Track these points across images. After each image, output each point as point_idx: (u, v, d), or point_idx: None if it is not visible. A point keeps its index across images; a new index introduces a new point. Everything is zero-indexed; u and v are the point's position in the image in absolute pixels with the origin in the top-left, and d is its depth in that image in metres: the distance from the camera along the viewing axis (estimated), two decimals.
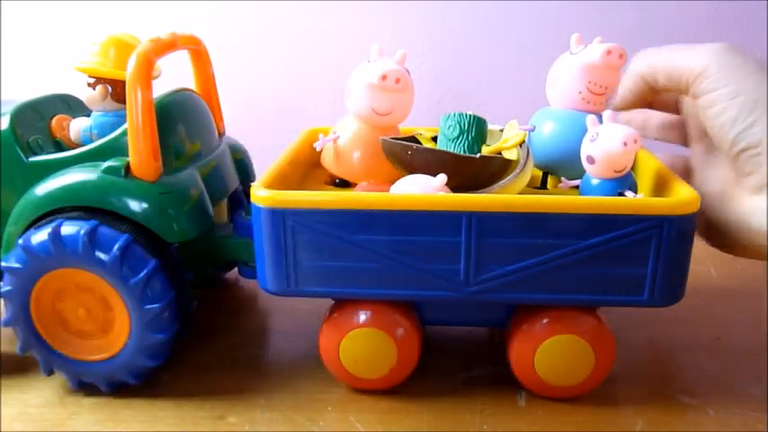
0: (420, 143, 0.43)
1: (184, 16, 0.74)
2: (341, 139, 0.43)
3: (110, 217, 0.39)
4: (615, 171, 0.37)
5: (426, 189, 0.37)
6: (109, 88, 0.43)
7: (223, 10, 0.74)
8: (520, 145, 0.41)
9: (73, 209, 0.40)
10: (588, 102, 0.41)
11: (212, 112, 0.49)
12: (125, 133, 0.40)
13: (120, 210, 0.39)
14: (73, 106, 0.48)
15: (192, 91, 0.48)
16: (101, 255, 0.38)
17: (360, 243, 0.37)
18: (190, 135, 0.44)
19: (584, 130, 0.39)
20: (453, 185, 0.38)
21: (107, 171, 0.39)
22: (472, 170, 0.39)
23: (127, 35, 0.44)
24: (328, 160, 0.44)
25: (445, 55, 0.74)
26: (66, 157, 0.41)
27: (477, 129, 0.41)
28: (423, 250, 0.36)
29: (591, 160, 0.37)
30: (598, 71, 0.41)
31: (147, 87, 0.39)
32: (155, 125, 0.40)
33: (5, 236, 0.41)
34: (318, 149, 0.44)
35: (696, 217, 0.35)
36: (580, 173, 0.40)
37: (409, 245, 0.36)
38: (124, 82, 0.39)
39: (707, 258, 0.60)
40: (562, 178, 0.42)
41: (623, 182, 0.37)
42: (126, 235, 0.38)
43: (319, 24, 0.74)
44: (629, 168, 0.37)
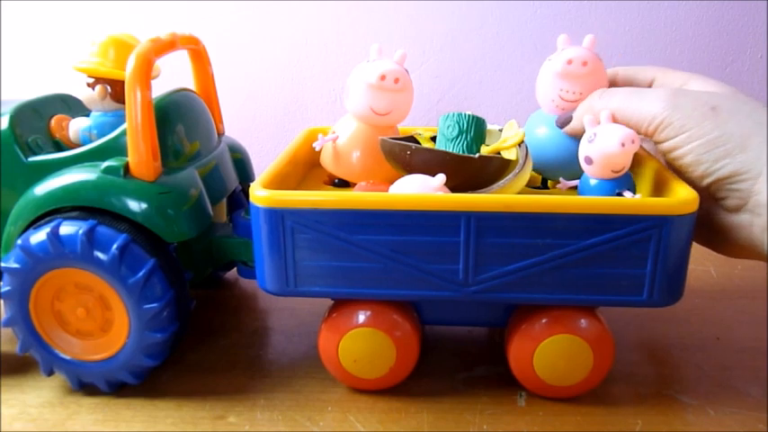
0: (419, 143, 0.43)
1: (184, 16, 0.74)
2: (340, 139, 0.43)
3: (108, 217, 0.39)
4: (613, 171, 0.37)
5: (425, 189, 0.37)
6: (108, 88, 0.43)
7: (223, 10, 0.74)
8: (519, 145, 0.41)
9: (72, 209, 0.40)
10: (563, 109, 0.41)
11: (212, 112, 0.49)
12: (124, 133, 0.40)
13: (118, 209, 0.39)
14: (72, 106, 0.48)
15: (192, 91, 0.48)
16: (99, 254, 0.38)
17: (359, 243, 0.37)
18: (189, 135, 0.44)
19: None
20: (452, 185, 0.38)
21: (106, 171, 0.39)
22: (471, 170, 0.39)
23: (126, 35, 0.44)
24: (327, 160, 0.44)
25: (445, 55, 0.74)
26: (65, 157, 0.41)
27: (476, 129, 0.41)
28: (422, 250, 0.36)
29: (589, 161, 0.37)
30: (567, 79, 0.40)
31: (147, 87, 0.39)
32: (154, 125, 0.40)
33: (5, 236, 0.41)
34: (318, 149, 0.44)
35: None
36: (575, 175, 0.40)
37: (408, 245, 0.36)
38: (123, 82, 0.39)
39: (707, 258, 0.60)
40: (560, 179, 0.42)
41: (621, 182, 0.37)
42: (125, 235, 0.38)
43: (319, 24, 0.74)
44: (627, 168, 0.37)
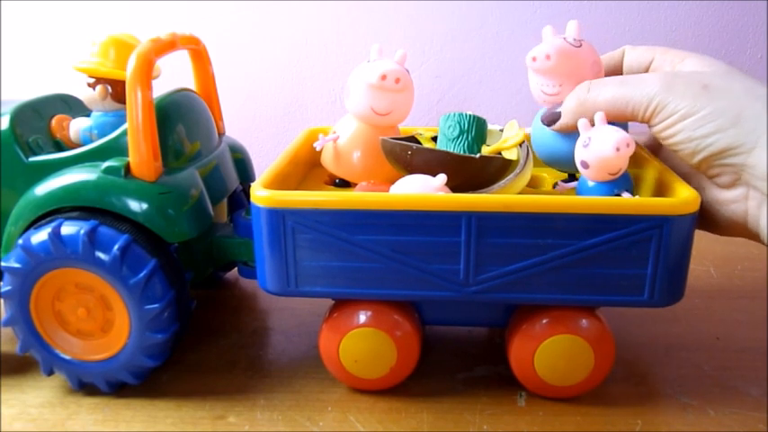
0: (420, 143, 0.43)
1: (184, 16, 0.74)
2: (341, 139, 0.43)
3: (109, 217, 0.39)
4: (610, 174, 0.37)
5: (426, 189, 0.37)
6: (109, 88, 0.43)
7: (223, 10, 0.74)
8: (520, 145, 0.41)
9: (73, 209, 0.40)
10: (548, 104, 0.41)
11: (212, 112, 0.49)
12: (125, 133, 0.40)
13: (119, 210, 0.39)
14: (73, 106, 0.48)
15: (192, 91, 0.48)
16: (100, 255, 0.38)
17: (359, 243, 0.37)
18: (189, 135, 0.44)
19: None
20: (453, 185, 0.38)
21: (107, 171, 0.39)
22: (472, 170, 0.39)
23: (127, 35, 0.44)
24: (328, 160, 0.44)
25: (445, 55, 0.74)
26: (65, 157, 0.41)
27: (477, 129, 0.41)
28: (422, 250, 0.36)
29: (585, 165, 0.37)
30: (539, 74, 0.40)
31: (147, 87, 0.39)
32: (154, 125, 0.40)
33: (5, 236, 0.41)
34: (318, 149, 0.44)
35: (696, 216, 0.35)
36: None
37: (409, 245, 0.36)
38: (124, 82, 0.39)
39: (707, 258, 0.60)
40: (558, 181, 0.42)
41: (619, 183, 0.37)
42: (126, 235, 0.38)
43: (319, 24, 0.74)
44: (623, 170, 0.37)
